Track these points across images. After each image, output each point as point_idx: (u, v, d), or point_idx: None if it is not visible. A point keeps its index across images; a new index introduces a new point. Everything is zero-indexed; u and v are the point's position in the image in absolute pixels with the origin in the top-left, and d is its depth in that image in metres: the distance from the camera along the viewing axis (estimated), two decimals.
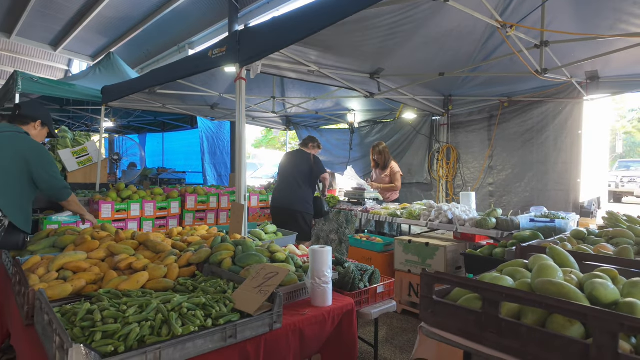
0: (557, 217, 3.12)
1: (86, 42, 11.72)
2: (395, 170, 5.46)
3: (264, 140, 31.97)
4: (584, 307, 0.91)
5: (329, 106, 6.70)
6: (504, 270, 1.40)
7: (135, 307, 1.46)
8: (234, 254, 2.17)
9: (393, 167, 5.48)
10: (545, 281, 1.09)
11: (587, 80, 4.25)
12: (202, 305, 1.57)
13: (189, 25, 9.68)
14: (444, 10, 3.13)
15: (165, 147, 10.14)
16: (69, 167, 5.40)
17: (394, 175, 5.44)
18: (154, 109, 6.31)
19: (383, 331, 3.28)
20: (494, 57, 3.85)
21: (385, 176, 5.51)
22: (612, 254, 1.69)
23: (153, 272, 1.93)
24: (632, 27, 3.17)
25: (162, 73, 4.09)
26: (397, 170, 5.47)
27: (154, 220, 4.22)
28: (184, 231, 3.04)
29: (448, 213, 3.69)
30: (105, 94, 5.37)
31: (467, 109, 5.65)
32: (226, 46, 3.15)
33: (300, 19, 2.63)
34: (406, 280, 3.70)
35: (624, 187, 15.13)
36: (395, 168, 5.48)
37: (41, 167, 2.58)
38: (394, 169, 5.47)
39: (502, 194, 5.27)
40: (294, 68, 3.72)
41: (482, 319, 1.07)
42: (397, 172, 5.47)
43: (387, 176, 5.50)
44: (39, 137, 2.82)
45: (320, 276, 1.94)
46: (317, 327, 1.86)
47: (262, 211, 5.07)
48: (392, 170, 5.46)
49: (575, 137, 4.54)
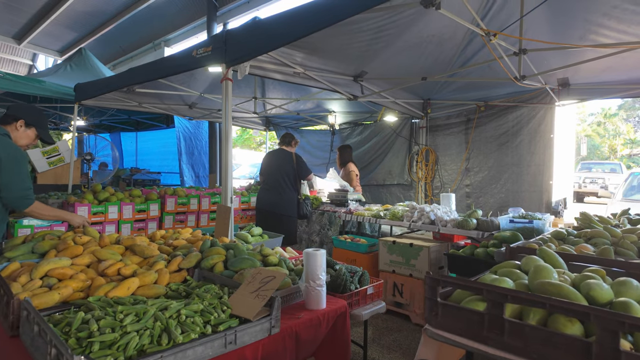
0: (535, 217, 3.26)
1: (54, 36, 11.19)
2: (349, 169, 5.73)
3: (239, 140, 31.57)
4: (586, 307, 0.96)
5: (310, 107, 6.71)
6: (498, 272, 1.45)
7: (132, 315, 1.42)
8: (226, 258, 2.14)
9: (349, 166, 5.75)
10: (545, 282, 1.15)
11: (558, 87, 4.45)
12: (200, 311, 1.54)
13: (165, 22, 9.44)
14: (427, 16, 3.20)
15: (139, 146, 9.84)
16: (39, 167, 5.16)
17: (349, 174, 5.71)
18: (130, 107, 6.12)
19: (369, 332, 3.32)
20: (472, 62, 3.98)
21: (345, 175, 5.77)
22: (594, 254, 1.79)
23: (143, 278, 1.88)
24: (601, 38, 3.35)
25: (142, 71, 3.98)
26: (351, 170, 5.73)
27: (132, 223, 4.09)
28: (167, 234, 2.96)
29: (430, 214, 3.78)
30: (78, 91, 5.17)
31: (445, 113, 5.81)
32: (212, 46, 3.10)
33: (291, 22, 2.62)
34: (391, 280, 3.76)
35: (586, 187, 15.94)
36: (350, 167, 5.74)
37: (4, 170, 2.40)
38: (349, 168, 5.74)
39: (478, 195, 5.45)
40: (279, 69, 3.71)
41: (486, 320, 1.11)
42: (352, 171, 5.73)
43: (345, 175, 5.76)
44: (24, 139, 2.61)
45: (314, 279, 1.95)
46: (312, 330, 1.86)
47: (244, 213, 5.01)
48: (347, 169, 5.73)
49: (547, 141, 4.76)
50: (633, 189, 7.93)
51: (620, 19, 3.05)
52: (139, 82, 4.12)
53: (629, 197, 7.61)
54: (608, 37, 3.28)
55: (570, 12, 3.20)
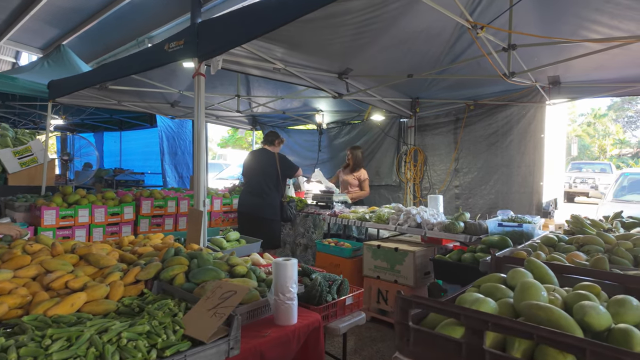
0: (524, 221, 3.12)
1: (35, 32, 10.84)
2: (365, 177, 5.56)
3: (230, 140, 31.29)
4: (581, 340, 0.80)
5: (296, 106, 6.53)
6: (481, 287, 1.30)
7: (62, 340, 1.24)
8: (189, 268, 1.96)
9: (364, 173, 5.56)
10: (533, 305, 0.99)
11: (549, 85, 4.33)
12: (147, 333, 1.36)
13: (149, 18, 9.17)
14: (413, 11, 3.05)
15: (123, 146, 9.57)
16: (10, 168, 4.92)
17: (364, 182, 5.54)
18: (109, 106, 5.89)
19: (351, 342, 3.15)
20: (461, 59, 3.84)
21: (355, 178, 5.52)
22: (587, 263, 1.64)
23: (92, 292, 1.69)
24: (592, 34, 3.22)
25: (114, 67, 3.78)
26: (366, 177, 5.57)
27: (104, 227, 3.89)
28: (136, 240, 2.77)
29: (417, 217, 3.63)
30: (52, 89, 4.93)
31: (434, 112, 5.66)
32: (184, 39, 2.92)
33: (264, 11, 2.45)
34: (375, 287, 3.60)
35: (577, 187, 15.96)
36: (365, 175, 5.57)
37: None
38: (364, 175, 5.56)
39: (468, 197, 5.31)
40: (258, 65, 3.53)
41: (464, 350, 0.94)
42: (367, 179, 5.57)
43: (355, 179, 5.51)
44: None
45: (284, 292, 1.78)
46: (280, 349, 1.69)
47: (225, 215, 4.82)
48: (363, 176, 5.54)
49: (538, 141, 4.63)
50: (624, 190, 7.88)
51: (613, 14, 2.91)
52: (111, 78, 3.91)
53: (620, 198, 7.55)
54: (600, 33, 3.16)
55: (561, 7, 3.07)
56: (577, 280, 1.37)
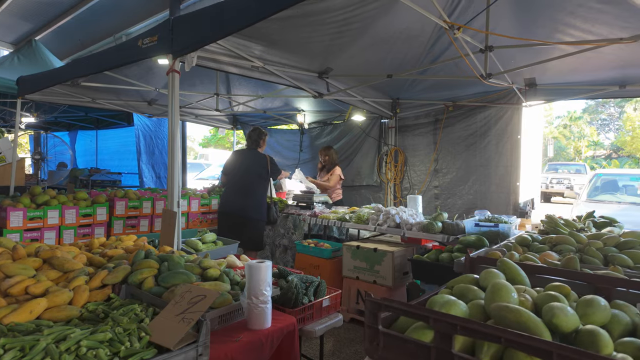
0: (501, 221, 3.15)
1: (6, 27, 10.42)
2: (336, 173, 5.53)
3: (212, 140, 30.91)
4: (548, 343, 0.79)
5: (278, 105, 6.47)
6: (454, 288, 1.28)
7: (15, 350, 1.16)
8: (159, 271, 1.89)
9: (335, 170, 5.55)
10: (502, 307, 0.98)
11: (525, 87, 4.41)
12: (109, 340, 1.30)
13: (126, 14, 8.93)
14: (393, 11, 3.05)
15: (100, 145, 9.31)
16: None
17: (332, 176, 5.51)
18: (83, 103, 5.71)
19: (329, 344, 3.12)
20: (440, 60, 3.87)
21: (327, 179, 5.55)
22: (559, 263, 1.66)
23: (54, 298, 1.61)
24: (567, 37, 3.29)
25: (85, 63, 3.67)
26: (337, 174, 5.54)
27: (76, 229, 3.74)
28: (107, 242, 2.67)
29: (396, 217, 3.63)
30: (21, 85, 4.74)
31: (414, 113, 5.70)
32: (158, 35, 2.83)
33: (240, 7, 2.40)
34: (354, 287, 3.58)
35: (553, 187, 16.39)
36: (337, 171, 5.54)
37: None
38: (335, 172, 5.54)
39: (447, 197, 5.36)
40: (235, 62, 3.46)
41: (433, 354, 0.92)
42: (338, 174, 5.54)
43: (328, 179, 5.54)
44: None
45: (257, 295, 1.73)
46: (253, 354, 1.65)
47: (203, 216, 4.71)
48: (333, 173, 5.53)
49: (514, 142, 4.71)
50: (597, 190, 8.11)
51: (586, 18, 2.98)
52: (83, 74, 3.78)
53: (593, 198, 7.77)
54: (574, 36, 3.23)
55: (537, 10, 3.12)
56: (548, 280, 1.37)
